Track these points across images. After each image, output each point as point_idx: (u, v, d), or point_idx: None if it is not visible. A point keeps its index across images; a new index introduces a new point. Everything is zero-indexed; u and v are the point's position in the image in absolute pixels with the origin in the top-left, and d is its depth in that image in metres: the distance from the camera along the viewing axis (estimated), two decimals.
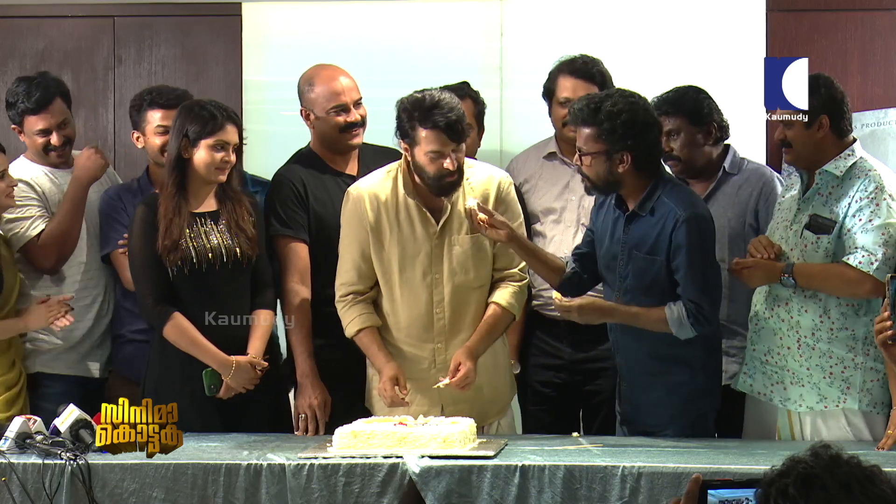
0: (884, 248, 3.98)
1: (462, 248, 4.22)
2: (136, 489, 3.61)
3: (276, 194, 4.57)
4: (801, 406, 4.14)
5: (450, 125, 4.08)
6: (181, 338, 4.25)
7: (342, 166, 4.65)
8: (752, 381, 4.25)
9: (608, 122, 4.01)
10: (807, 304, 4.11)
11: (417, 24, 5.55)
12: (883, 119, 5.31)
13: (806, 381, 4.12)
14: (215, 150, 4.26)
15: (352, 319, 4.26)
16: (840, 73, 5.54)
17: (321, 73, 4.64)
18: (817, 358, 4.10)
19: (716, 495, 2.05)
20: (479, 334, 4.18)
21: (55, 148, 4.73)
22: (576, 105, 4.15)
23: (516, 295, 4.26)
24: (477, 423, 4.04)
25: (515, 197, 4.35)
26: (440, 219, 4.22)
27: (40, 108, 4.70)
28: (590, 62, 4.78)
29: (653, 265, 4.07)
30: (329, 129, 4.59)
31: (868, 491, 1.90)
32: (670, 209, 4.04)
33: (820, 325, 4.10)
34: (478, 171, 4.29)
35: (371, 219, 4.24)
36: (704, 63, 5.35)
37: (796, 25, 5.62)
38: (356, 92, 4.60)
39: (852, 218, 4.04)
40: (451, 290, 4.22)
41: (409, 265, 4.24)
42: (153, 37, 5.78)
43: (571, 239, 4.73)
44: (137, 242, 4.33)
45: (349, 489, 3.57)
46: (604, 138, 4.03)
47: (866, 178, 4.06)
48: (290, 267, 4.49)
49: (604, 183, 4.10)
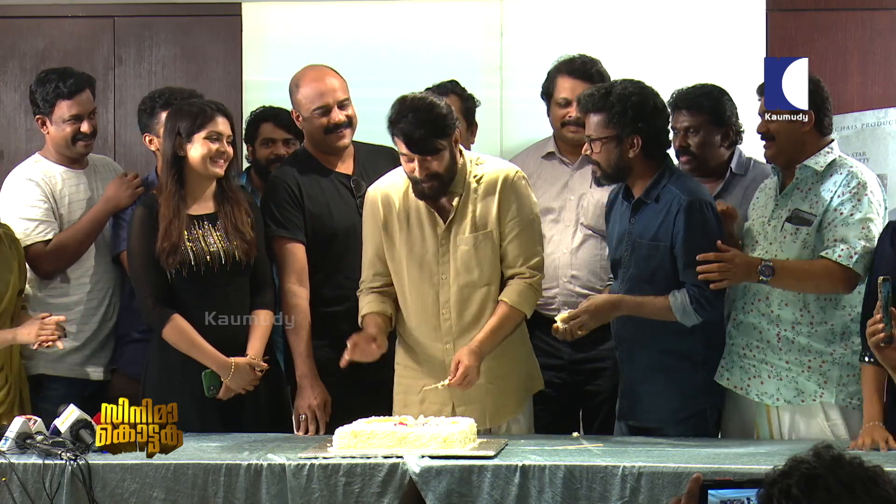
0: (864, 242, 4.00)
1: (466, 248, 4.21)
2: (136, 489, 3.60)
3: (271, 196, 4.57)
4: (777, 400, 4.14)
5: (409, 138, 4.08)
6: (180, 339, 4.25)
7: (337, 166, 4.65)
8: (729, 374, 4.24)
9: (619, 105, 4.06)
10: (787, 298, 4.12)
11: (417, 23, 5.55)
12: (883, 119, 5.31)
13: (784, 374, 4.13)
14: (210, 142, 4.26)
15: (363, 306, 4.30)
16: (840, 73, 5.56)
17: (307, 74, 4.64)
18: (796, 352, 4.11)
19: (716, 495, 2.05)
20: (484, 332, 4.14)
21: (84, 136, 4.74)
22: (584, 93, 4.20)
23: (525, 293, 4.21)
24: (489, 424, 4.07)
25: (525, 190, 4.27)
26: (447, 218, 4.22)
27: (73, 94, 4.71)
28: (588, 62, 4.79)
29: (656, 252, 4.11)
30: (314, 131, 4.59)
31: (871, 491, 1.90)
32: (675, 195, 4.08)
33: (800, 319, 4.11)
34: (488, 167, 4.26)
35: (382, 218, 4.27)
36: (704, 63, 5.35)
37: (796, 25, 5.62)
38: (342, 92, 4.59)
39: (833, 211, 4.05)
40: (456, 290, 4.22)
41: (416, 265, 4.24)
42: (153, 37, 5.79)
43: (570, 238, 4.73)
44: (136, 244, 4.33)
45: (349, 489, 3.57)
46: (615, 122, 4.08)
47: (848, 173, 4.08)
48: (288, 268, 4.50)
49: (614, 169, 4.13)
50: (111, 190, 4.73)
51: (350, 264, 4.46)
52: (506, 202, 4.21)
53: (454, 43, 5.51)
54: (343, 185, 4.62)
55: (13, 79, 5.74)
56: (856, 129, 5.31)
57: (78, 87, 4.73)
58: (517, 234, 4.21)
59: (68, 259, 4.69)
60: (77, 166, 4.79)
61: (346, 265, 4.49)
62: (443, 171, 4.13)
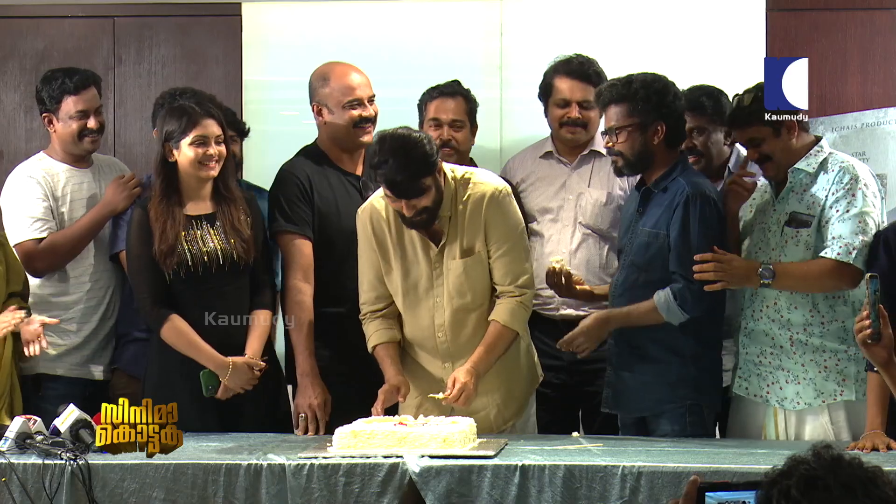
0: (861, 237, 4.01)
1: (458, 273, 4.19)
2: (136, 489, 3.60)
3: (280, 189, 4.55)
4: (799, 404, 4.14)
5: (392, 184, 4.02)
6: (179, 339, 4.25)
7: (348, 165, 4.65)
8: (747, 384, 4.25)
9: (643, 91, 4.13)
10: (795, 301, 4.12)
11: (417, 23, 5.55)
12: (883, 119, 5.31)
13: (802, 377, 4.13)
14: (196, 146, 4.25)
15: (370, 336, 4.28)
16: (840, 73, 5.56)
17: (336, 68, 4.66)
18: (811, 353, 4.11)
19: (714, 497, 2.05)
20: (479, 353, 4.15)
21: (91, 132, 4.76)
22: (603, 86, 4.26)
23: (515, 311, 4.20)
24: (496, 429, 4.12)
25: (510, 206, 4.22)
26: (438, 242, 4.20)
27: (79, 89, 4.74)
28: (585, 62, 4.79)
29: (655, 240, 4.15)
30: (343, 124, 4.60)
31: (871, 492, 1.90)
32: (681, 187, 4.14)
33: (811, 320, 4.11)
34: (473, 186, 4.18)
35: (376, 240, 4.24)
36: (704, 63, 5.35)
37: (796, 25, 5.62)
38: (370, 89, 4.63)
39: (830, 209, 4.06)
40: (450, 313, 4.22)
41: (412, 288, 4.24)
42: (153, 37, 5.78)
43: (569, 238, 4.74)
44: (134, 245, 4.33)
45: (349, 489, 3.57)
46: (639, 109, 4.14)
47: (840, 169, 4.09)
48: (294, 264, 4.49)
49: (638, 158, 4.18)
50: (108, 193, 4.73)
51: (353, 265, 4.45)
52: (492, 222, 4.17)
53: (454, 43, 5.50)
54: (352, 185, 4.61)
55: (13, 79, 5.73)
56: (856, 129, 5.31)
57: (84, 84, 4.75)
58: (504, 252, 4.19)
59: (61, 259, 4.68)
60: (82, 164, 4.80)
61: (349, 266, 4.48)
62: (430, 205, 4.08)
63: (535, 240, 4.77)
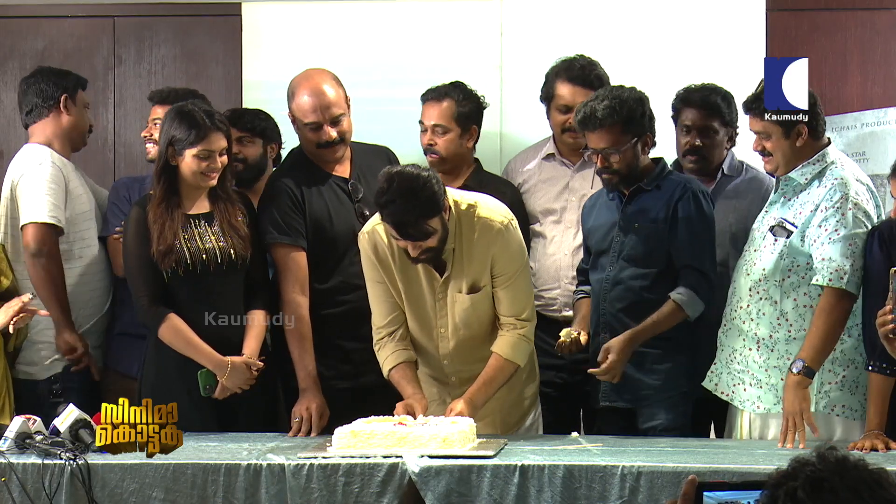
0: (851, 259, 3.96)
1: (464, 307, 4.18)
2: (135, 489, 3.61)
3: (271, 201, 4.49)
4: (758, 408, 4.13)
5: (399, 226, 3.97)
6: (176, 339, 4.26)
7: (336, 169, 4.58)
8: (717, 380, 4.25)
9: (630, 110, 4.19)
10: (763, 307, 4.11)
11: (417, 23, 5.54)
12: (883, 119, 5.31)
13: (764, 382, 4.12)
14: (200, 159, 4.26)
15: (384, 359, 4.24)
16: (840, 73, 5.56)
17: (302, 84, 4.53)
18: (776, 359, 4.09)
19: (712, 497, 2.04)
20: (478, 385, 4.13)
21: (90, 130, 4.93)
22: (585, 112, 4.23)
23: (517, 345, 4.19)
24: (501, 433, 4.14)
25: (514, 238, 4.19)
26: (443, 272, 4.18)
27: (85, 86, 4.95)
28: (587, 66, 4.77)
29: (656, 232, 4.23)
30: (307, 143, 4.56)
31: (877, 494, 1.89)
32: (678, 183, 4.27)
33: (778, 328, 4.09)
34: (481, 217, 4.12)
35: (380, 263, 4.21)
36: (704, 63, 5.34)
37: (796, 25, 5.62)
38: (336, 107, 4.47)
39: (818, 228, 4.02)
40: (455, 344, 4.22)
41: (416, 316, 4.23)
42: (153, 37, 5.78)
43: (572, 239, 4.74)
44: (132, 244, 4.33)
45: (349, 489, 3.57)
46: (632, 127, 4.20)
47: (832, 186, 4.03)
48: (290, 276, 4.44)
49: (632, 170, 4.26)
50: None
51: (347, 269, 4.44)
52: (499, 257, 4.14)
53: (454, 43, 5.50)
54: (341, 188, 4.57)
55: (13, 79, 5.72)
56: (856, 129, 5.31)
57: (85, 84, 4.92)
58: (509, 285, 4.18)
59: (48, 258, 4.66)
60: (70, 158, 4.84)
61: (343, 270, 4.47)
62: (436, 244, 4.04)
63: (538, 240, 4.77)
